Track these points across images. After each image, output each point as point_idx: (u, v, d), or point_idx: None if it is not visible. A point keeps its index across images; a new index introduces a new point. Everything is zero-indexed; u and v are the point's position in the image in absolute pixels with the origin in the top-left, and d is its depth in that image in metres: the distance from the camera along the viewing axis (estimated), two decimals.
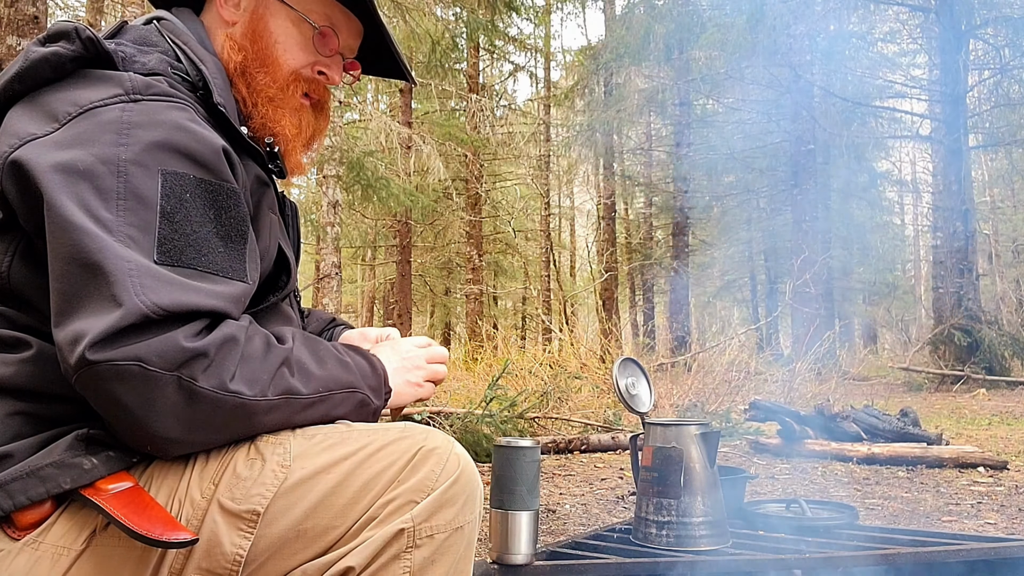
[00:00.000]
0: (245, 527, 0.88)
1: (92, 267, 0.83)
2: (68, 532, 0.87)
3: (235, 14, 1.15)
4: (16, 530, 0.86)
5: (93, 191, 0.86)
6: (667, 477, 1.81)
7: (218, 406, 0.86)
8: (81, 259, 0.83)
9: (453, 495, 0.92)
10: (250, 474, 0.90)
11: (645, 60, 14.52)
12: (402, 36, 10.72)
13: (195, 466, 0.92)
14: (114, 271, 0.83)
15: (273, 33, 1.14)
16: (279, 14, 1.15)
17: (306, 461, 0.91)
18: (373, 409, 1.03)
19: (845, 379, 9.14)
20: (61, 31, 0.96)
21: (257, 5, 1.15)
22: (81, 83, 0.94)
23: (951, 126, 11.14)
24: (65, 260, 0.84)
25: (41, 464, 0.86)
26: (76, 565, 0.86)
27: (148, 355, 0.81)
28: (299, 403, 0.93)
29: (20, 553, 0.85)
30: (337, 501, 0.89)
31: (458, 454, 0.95)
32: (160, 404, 0.83)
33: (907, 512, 3.13)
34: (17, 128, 0.91)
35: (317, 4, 1.17)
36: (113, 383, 0.82)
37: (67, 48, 0.95)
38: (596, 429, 5.22)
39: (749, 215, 17.60)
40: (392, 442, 0.93)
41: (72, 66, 0.95)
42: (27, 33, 4.09)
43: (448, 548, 0.92)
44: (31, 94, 0.95)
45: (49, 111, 0.92)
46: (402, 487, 0.90)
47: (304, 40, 1.16)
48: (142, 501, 0.86)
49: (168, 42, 1.06)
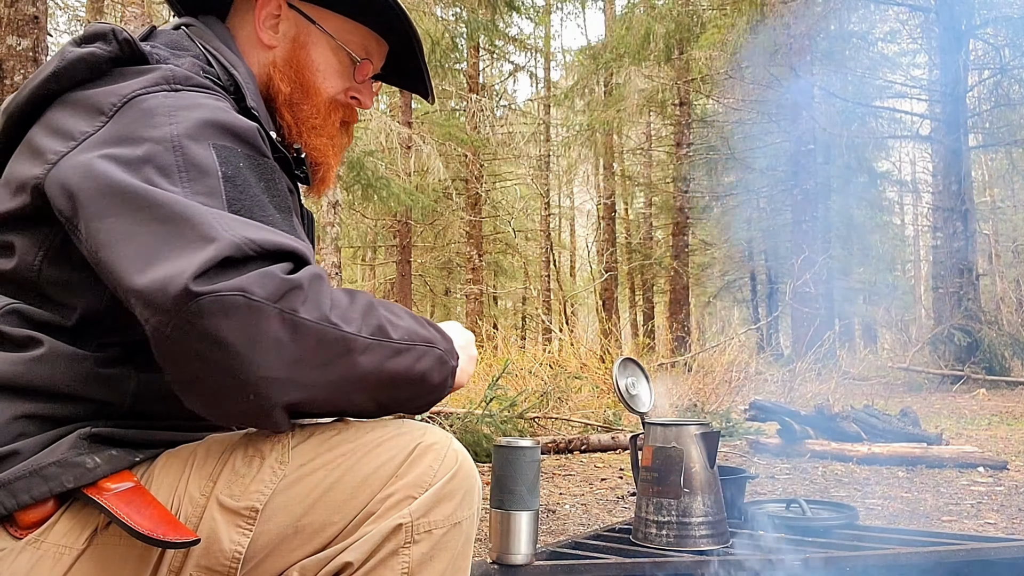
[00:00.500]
0: (244, 524, 0.88)
1: (173, 218, 0.83)
2: (70, 531, 0.87)
3: (274, 38, 1.16)
4: (19, 529, 0.86)
5: (155, 170, 0.86)
6: (667, 477, 1.81)
7: (322, 339, 0.84)
8: (159, 217, 0.83)
9: (451, 490, 0.92)
10: (248, 471, 0.90)
11: (645, 60, 14.52)
12: None
13: (194, 464, 0.92)
14: (198, 215, 0.83)
15: (314, 61, 1.17)
16: (320, 42, 1.17)
17: (304, 457, 0.91)
18: (451, 368, 0.98)
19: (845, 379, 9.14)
20: (98, 32, 0.97)
21: (298, 32, 1.17)
22: (125, 77, 0.95)
23: (951, 126, 11.14)
24: (136, 223, 0.83)
25: (44, 463, 0.86)
26: (77, 564, 0.86)
27: (251, 286, 0.80)
28: (390, 347, 0.90)
29: (22, 552, 0.85)
30: (335, 497, 0.90)
31: (456, 450, 0.95)
32: (264, 340, 0.81)
33: (907, 512, 3.13)
34: (67, 127, 0.92)
35: (355, 34, 1.19)
36: (217, 318, 0.79)
37: (104, 48, 0.96)
38: (596, 429, 5.22)
39: (749, 215, 17.60)
40: (390, 438, 0.93)
41: (108, 66, 0.96)
42: (27, 33, 4.10)
43: (446, 544, 0.92)
44: (68, 93, 0.96)
45: (94, 105, 0.93)
46: (400, 482, 0.90)
47: (342, 68, 1.19)
48: (144, 500, 0.86)
49: (199, 47, 1.08)
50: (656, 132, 19.76)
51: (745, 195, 16.66)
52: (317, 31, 1.17)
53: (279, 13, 1.16)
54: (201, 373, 0.82)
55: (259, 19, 1.15)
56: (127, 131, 0.90)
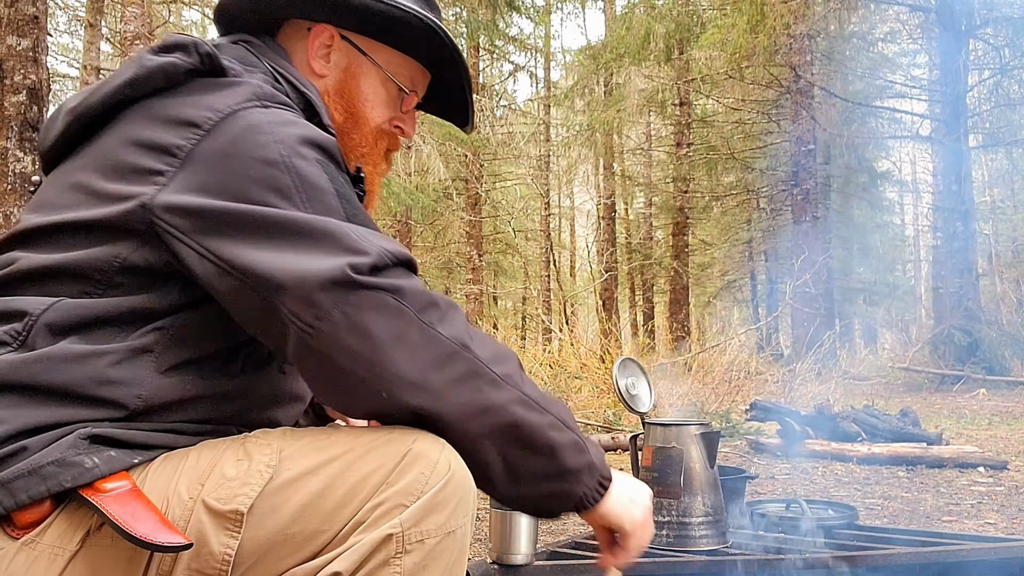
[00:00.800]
0: (231, 527, 0.87)
1: (313, 233, 0.89)
2: (64, 532, 0.87)
3: (326, 67, 1.19)
4: (16, 529, 0.86)
5: (276, 192, 0.91)
6: (667, 477, 1.81)
7: (452, 355, 0.90)
8: (298, 232, 0.89)
9: (444, 499, 0.90)
10: (236, 474, 0.89)
11: (645, 60, 14.51)
12: None
13: (186, 466, 0.91)
14: (336, 228, 0.90)
15: (364, 92, 1.20)
16: (370, 73, 1.20)
17: (293, 463, 0.90)
18: (591, 464, 1.00)
19: (845, 379, 9.14)
20: (179, 43, 0.99)
21: (350, 63, 1.20)
22: (210, 90, 0.97)
23: (951, 126, 11.14)
24: (275, 240, 0.88)
25: (43, 462, 0.86)
26: (71, 565, 0.86)
27: (402, 288, 0.89)
28: (519, 394, 0.94)
29: (18, 553, 0.85)
30: (324, 504, 0.88)
31: (448, 456, 0.92)
32: (404, 341, 0.88)
33: (907, 512, 3.13)
34: (161, 141, 0.94)
35: (403, 66, 1.23)
36: (370, 313, 0.86)
37: (184, 60, 0.98)
38: (596, 429, 5.22)
39: (749, 215, 17.60)
40: (380, 445, 0.91)
41: (185, 77, 0.98)
42: (27, 33, 4.10)
43: (440, 553, 0.90)
44: (144, 101, 0.98)
45: (185, 119, 0.94)
46: (390, 490, 0.89)
47: (389, 98, 1.22)
48: (138, 503, 0.86)
49: (266, 65, 1.10)
50: (656, 132, 19.76)
51: (745, 195, 16.67)
52: (368, 62, 1.20)
53: (331, 43, 1.19)
54: (345, 368, 0.88)
55: (312, 48, 1.18)
56: (235, 149, 0.93)
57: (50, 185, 1.03)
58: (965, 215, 11.12)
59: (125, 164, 0.94)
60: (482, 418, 0.92)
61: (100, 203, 0.94)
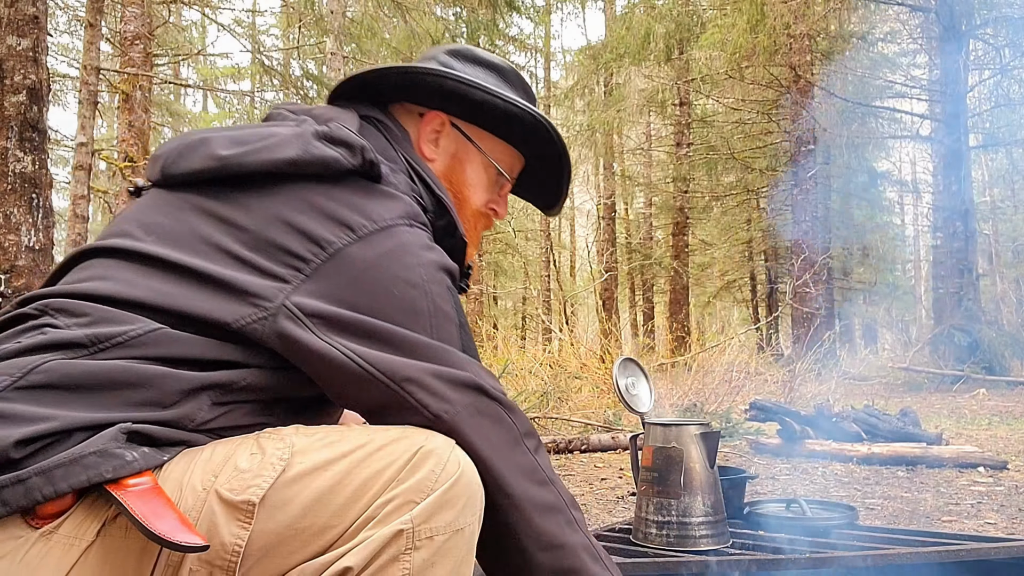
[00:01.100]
0: (243, 518, 0.88)
1: (437, 353, 0.99)
2: (81, 523, 0.87)
3: (435, 152, 1.26)
4: (36, 519, 0.86)
5: (410, 313, 1.00)
6: (667, 477, 1.81)
7: (543, 483, 1.01)
8: (428, 351, 0.98)
9: (453, 496, 0.91)
10: (249, 466, 0.90)
11: (645, 60, 14.52)
12: (402, 36, 10.71)
13: (201, 458, 0.92)
14: (464, 360, 1.01)
15: (468, 177, 1.28)
16: (475, 159, 1.28)
17: (305, 457, 0.91)
18: None
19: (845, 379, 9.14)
20: (347, 141, 1.04)
21: (458, 149, 1.27)
22: (369, 195, 1.04)
23: (951, 126, 11.14)
24: (407, 349, 0.98)
25: (85, 452, 0.86)
26: (85, 555, 0.87)
27: (515, 410, 1.02)
28: (589, 546, 1.02)
29: (36, 542, 0.86)
30: (335, 499, 0.89)
31: (458, 456, 0.94)
32: (509, 455, 0.99)
33: (907, 512, 3.14)
34: (314, 232, 0.99)
35: (504, 153, 1.31)
36: (489, 419, 0.98)
37: (348, 159, 1.03)
38: (596, 429, 5.22)
39: (749, 215, 17.61)
40: (392, 442, 0.93)
41: (344, 175, 1.03)
42: (27, 33, 4.10)
43: (448, 551, 0.91)
44: (301, 183, 1.02)
45: (340, 218, 1.00)
46: (401, 487, 0.90)
47: (489, 183, 1.30)
48: (159, 500, 0.86)
49: (403, 161, 1.16)
50: (656, 132, 19.77)
51: (745, 195, 16.68)
52: (474, 149, 1.28)
53: (441, 129, 1.26)
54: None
55: (423, 132, 1.25)
56: (383, 263, 1.00)
57: (168, 214, 1.04)
58: (965, 215, 11.12)
59: (272, 242, 0.98)
60: (554, 553, 1.00)
61: (236, 267, 0.98)
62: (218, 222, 1.01)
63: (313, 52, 12.19)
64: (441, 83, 1.22)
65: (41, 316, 0.96)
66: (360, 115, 1.19)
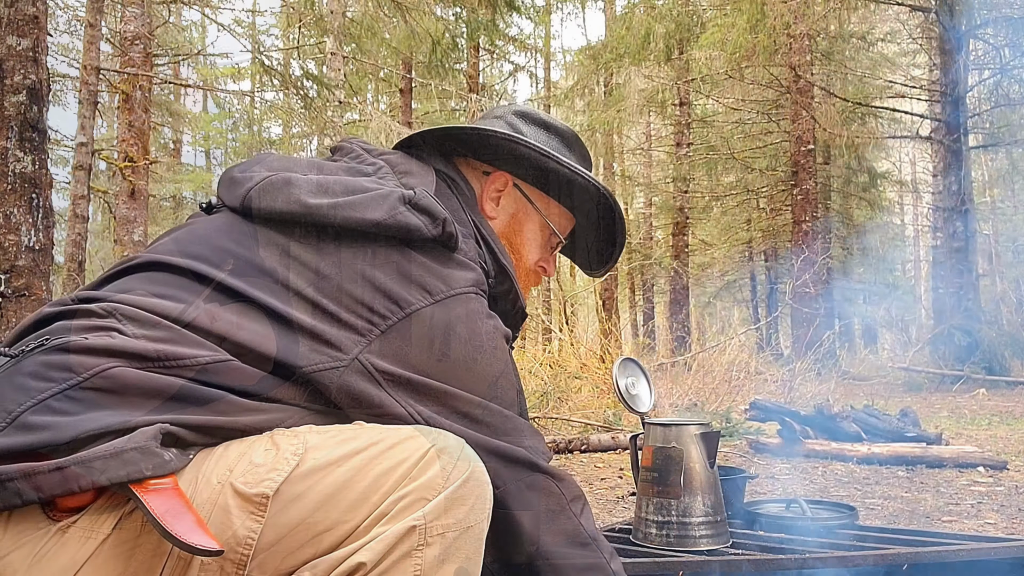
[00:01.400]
0: (256, 511, 0.89)
1: (502, 421, 1.08)
2: (97, 518, 0.88)
3: (495, 211, 1.31)
4: (56, 511, 0.87)
5: (477, 376, 1.07)
6: (667, 477, 1.81)
7: (585, 545, 1.11)
8: (491, 417, 1.07)
9: (463, 495, 0.93)
10: (264, 461, 0.91)
11: (645, 60, 14.52)
12: (402, 36, 10.71)
13: (216, 454, 0.93)
14: (519, 423, 1.11)
15: (525, 235, 1.34)
16: (533, 219, 1.34)
17: (319, 453, 0.92)
18: None
19: (845, 379, 9.14)
20: (432, 211, 1.08)
21: (518, 210, 1.33)
22: (446, 264, 1.09)
23: (951, 126, 11.14)
24: (472, 414, 1.06)
25: (126, 447, 0.87)
26: (99, 549, 0.87)
27: (563, 479, 1.12)
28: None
29: (53, 535, 0.87)
30: (348, 495, 0.90)
31: (468, 456, 0.96)
32: (556, 521, 1.09)
33: (907, 512, 3.14)
34: (395, 293, 1.04)
35: (562, 216, 1.37)
36: (537, 492, 1.08)
37: (430, 229, 1.07)
38: (596, 429, 5.22)
39: (749, 215, 17.61)
40: (403, 440, 0.94)
41: (424, 242, 1.08)
42: (27, 33, 4.09)
43: (459, 547, 0.93)
44: (383, 244, 1.06)
45: (420, 282, 1.06)
46: (413, 484, 0.91)
47: (543, 242, 1.36)
48: (178, 500, 0.87)
49: (471, 224, 1.21)
50: (656, 132, 19.77)
51: (745, 195, 16.68)
52: (533, 211, 1.34)
53: (504, 189, 1.31)
54: (498, 523, 1.04)
55: (487, 191, 1.30)
56: (455, 327, 1.06)
57: (247, 247, 1.06)
58: (965, 215, 11.12)
59: (352, 295, 1.02)
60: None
61: (314, 315, 1.01)
62: (299, 267, 1.04)
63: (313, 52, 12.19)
64: (513, 148, 1.27)
65: (107, 318, 0.98)
66: (436, 168, 1.23)
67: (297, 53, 12.20)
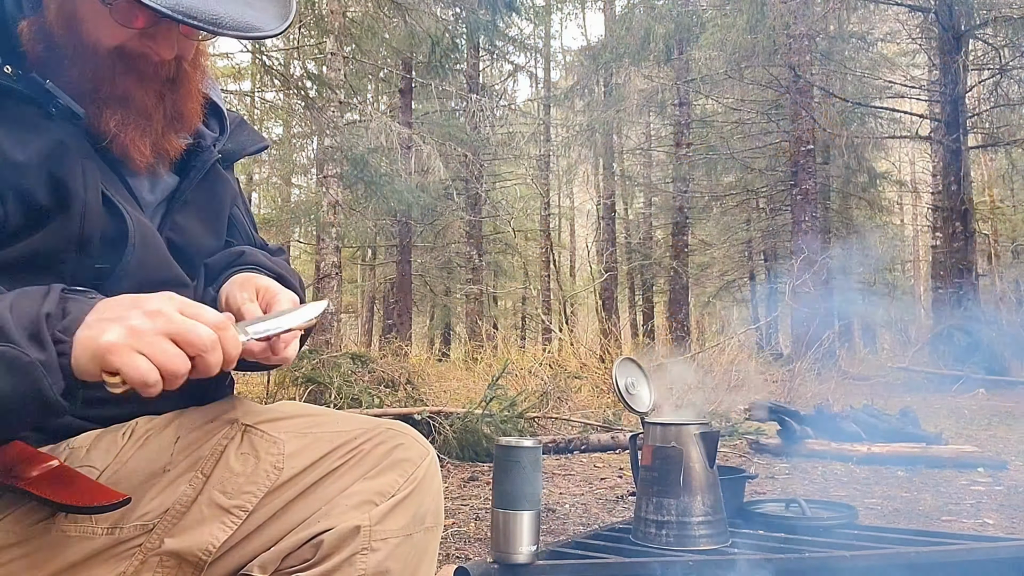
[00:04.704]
0: (229, 521, 0.88)
1: None
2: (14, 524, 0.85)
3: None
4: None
5: None
6: (667, 477, 1.81)
7: None
8: None
9: (411, 503, 0.92)
10: (243, 470, 0.90)
11: (645, 60, 14.52)
12: (402, 36, 10.70)
13: (177, 448, 0.91)
14: None
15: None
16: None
17: (296, 460, 0.92)
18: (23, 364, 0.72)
19: (845, 379, 9.13)
20: None
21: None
22: None
23: (951, 126, 11.14)
24: None
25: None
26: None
27: None
28: None
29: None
30: (311, 503, 0.90)
31: (427, 465, 0.95)
32: None
33: (907, 512, 3.14)
34: None
35: None
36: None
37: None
38: (596, 429, 5.22)
39: (749, 215, 17.60)
40: (369, 439, 0.94)
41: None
42: None
43: (402, 555, 0.92)
44: None
45: None
46: (368, 483, 0.91)
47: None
48: (67, 476, 0.85)
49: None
50: (656, 132, 19.76)
51: (745, 195, 16.67)
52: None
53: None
54: None
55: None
56: None
57: None
58: (965, 215, 11.12)
59: None
60: None
61: None
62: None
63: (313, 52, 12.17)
64: None
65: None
66: None
67: (297, 53, 12.19)
